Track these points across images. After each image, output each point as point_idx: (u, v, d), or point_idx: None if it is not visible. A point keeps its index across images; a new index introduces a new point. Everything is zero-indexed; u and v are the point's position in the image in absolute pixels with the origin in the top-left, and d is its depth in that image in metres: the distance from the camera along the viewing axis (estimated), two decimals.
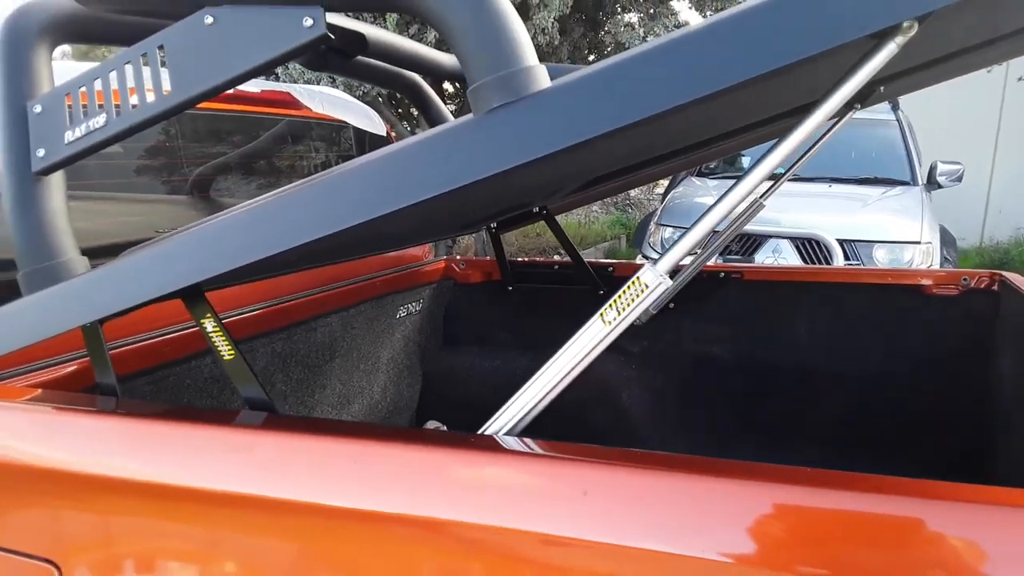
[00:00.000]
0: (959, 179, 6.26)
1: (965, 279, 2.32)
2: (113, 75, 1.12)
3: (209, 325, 1.15)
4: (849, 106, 2.16)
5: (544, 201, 2.33)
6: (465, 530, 0.92)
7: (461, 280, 2.73)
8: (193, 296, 1.14)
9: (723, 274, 2.54)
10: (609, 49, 5.62)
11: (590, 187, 2.19)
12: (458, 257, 2.82)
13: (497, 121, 0.89)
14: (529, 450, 0.98)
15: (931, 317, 2.34)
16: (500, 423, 1.05)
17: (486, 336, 2.68)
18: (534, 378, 1.07)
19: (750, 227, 5.29)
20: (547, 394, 1.06)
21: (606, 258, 7.89)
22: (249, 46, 1.01)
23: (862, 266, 5.17)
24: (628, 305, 1.04)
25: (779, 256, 5.25)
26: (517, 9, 5.38)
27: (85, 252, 1.27)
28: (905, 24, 0.82)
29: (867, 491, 0.82)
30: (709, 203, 4.27)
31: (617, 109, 0.83)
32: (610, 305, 1.05)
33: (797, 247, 5.23)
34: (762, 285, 2.52)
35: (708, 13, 6.25)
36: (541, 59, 5.66)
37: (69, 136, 1.14)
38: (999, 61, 2.04)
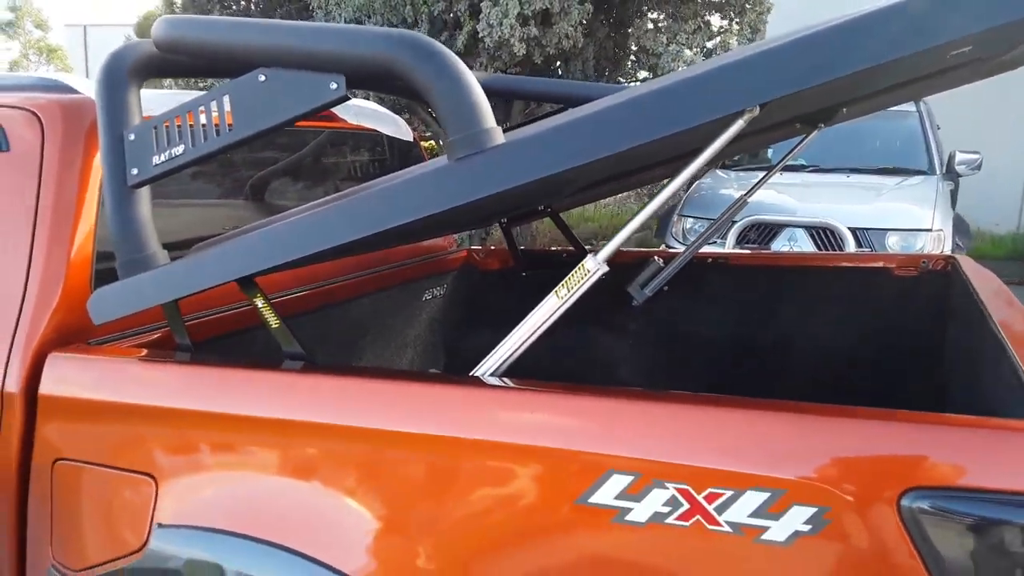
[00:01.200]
0: (978, 167, 6.42)
1: (924, 262, 2.60)
2: (190, 115, 1.48)
3: (259, 302, 1.51)
4: (814, 125, 2.46)
5: (546, 202, 2.66)
6: (452, 442, 1.27)
7: (481, 267, 3.07)
8: (246, 281, 1.50)
9: (711, 259, 2.84)
10: (633, 50, 5.91)
11: (585, 191, 2.53)
12: (489, 247, 3.17)
13: (461, 167, 1.24)
14: (503, 384, 1.32)
15: (896, 294, 2.62)
16: (484, 368, 1.39)
17: (502, 316, 3.01)
18: (507, 338, 1.41)
19: (768, 216, 5.55)
20: (517, 349, 1.40)
21: (637, 247, 8.16)
22: (290, 101, 1.37)
23: (872, 253, 5.40)
24: (576, 284, 1.37)
25: (795, 244, 5.49)
26: (540, 17, 5.71)
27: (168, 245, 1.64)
28: (749, 108, 1.15)
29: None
30: (730, 194, 4.66)
31: (544, 163, 1.18)
32: (563, 284, 1.39)
33: (812, 235, 5.47)
34: (746, 269, 2.83)
35: (731, 13, 6.49)
36: (566, 61, 5.92)
37: (156, 160, 1.51)
38: (948, 88, 2.33)
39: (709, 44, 6.27)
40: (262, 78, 1.42)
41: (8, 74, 2.04)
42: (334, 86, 1.35)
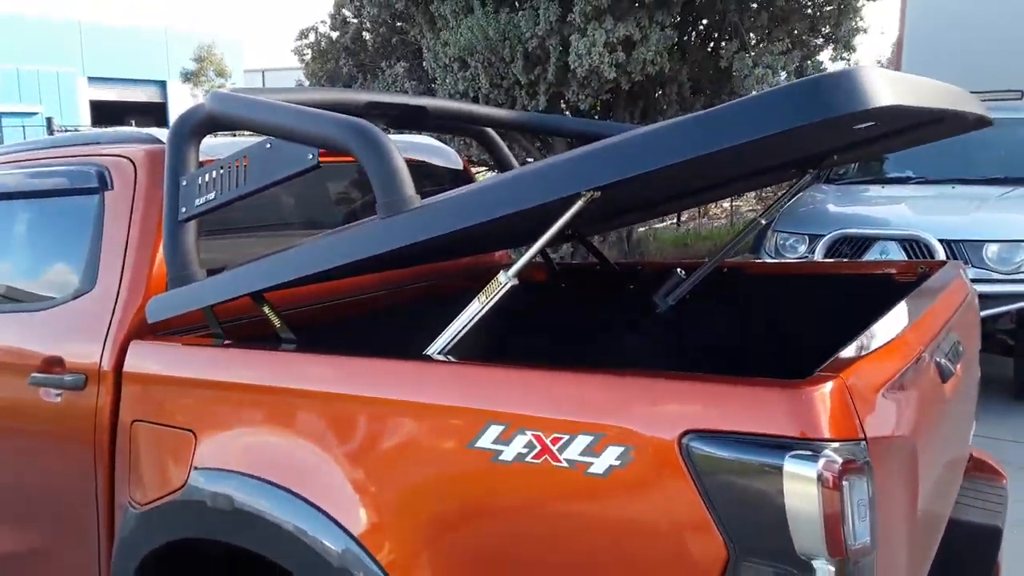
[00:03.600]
0: None
1: (922, 268, 2.75)
2: (215, 172, 1.96)
3: (267, 309, 1.97)
4: (804, 171, 2.71)
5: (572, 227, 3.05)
6: (396, 404, 1.67)
7: (525, 280, 3.44)
8: (256, 295, 1.96)
9: (727, 269, 3.09)
10: (728, 74, 6.11)
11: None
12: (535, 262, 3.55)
13: (384, 224, 1.68)
14: (445, 360, 1.70)
15: (897, 299, 2.78)
16: (433, 349, 1.77)
17: (542, 322, 3.39)
18: (447, 329, 1.78)
19: (856, 230, 5.60)
20: (454, 338, 1.77)
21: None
22: (283, 165, 1.82)
23: (967, 266, 5.34)
24: (492, 292, 1.73)
25: (886, 257, 5.49)
26: (622, 44, 6.03)
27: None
28: (584, 192, 1.49)
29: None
30: (825, 209, 5.00)
31: (437, 225, 1.59)
32: (483, 292, 1.74)
33: (904, 248, 5.46)
34: (759, 278, 3.06)
35: (823, 29, 6.54)
36: (661, 86, 6.18)
37: (198, 202, 2.00)
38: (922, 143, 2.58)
39: (796, 65, 6.37)
40: (268, 146, 1.89)
41: (118, 129, 2.63)
42: (310, 156, 1.80)
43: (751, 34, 6.37)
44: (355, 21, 7.62)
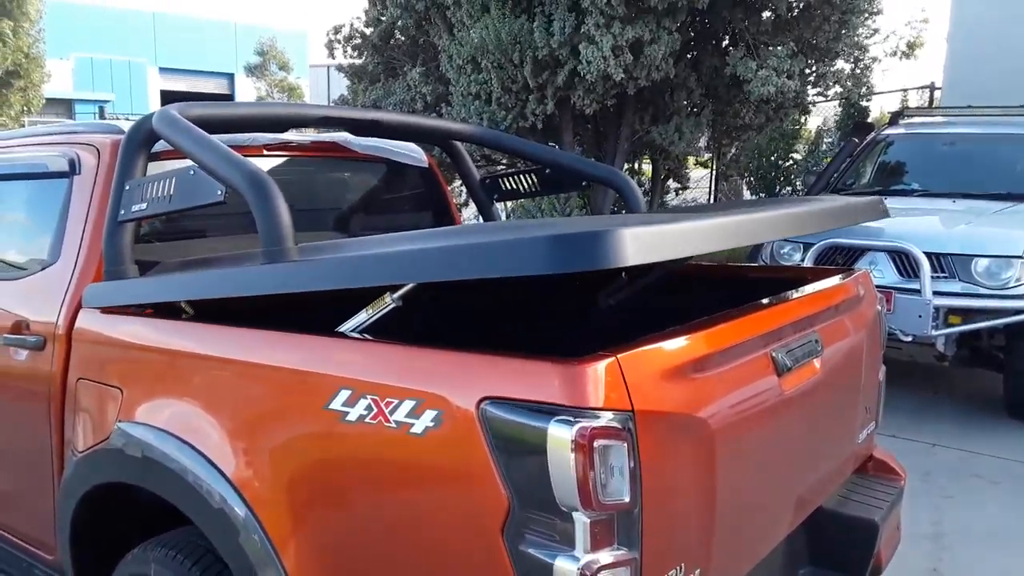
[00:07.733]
0: None
1: (842, 275, 2.89)
2: (153, 184, 2.20)
3: (183, 304, 2.23)
4: None
5: None
6: (300, 373, 1.91)
7: None
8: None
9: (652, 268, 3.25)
10: (736, 80, 6.15)
11: None
12: None
13: (263, 270, 1.91)
14: (358, 337, 1.93)
15: None
16: (346, 328, 1.99)
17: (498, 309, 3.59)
18: (354, 317, 1.98)
19: (844, 240, 5.68)
20: (361, 323, 1.97)
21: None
22: (198, 191, 2.05)
23: (955, 279, 5.38)
24: (376, 309, 1.94)
25: (875, 267, 5.56)
26: (631, 47, 6.15)
27: None
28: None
29: None
30: None
31: (296, 284, 1.84)
32: (371, 305, 1.94)
33: (892, 260, 5.53)
34: (684, 276, 3.24)
35: (826, 38, 6.57)
36: (671, 92, 6.30)
37: (134, 208, 2.25)
38: None
39: (803, 69, 6.38)
40: (191, 173, 2.10)
41: (87, 121, 2.93)
42: (218, 192, 2.02)
43: (758, 40, 6.42)
44: (385, 19, 7.89)
